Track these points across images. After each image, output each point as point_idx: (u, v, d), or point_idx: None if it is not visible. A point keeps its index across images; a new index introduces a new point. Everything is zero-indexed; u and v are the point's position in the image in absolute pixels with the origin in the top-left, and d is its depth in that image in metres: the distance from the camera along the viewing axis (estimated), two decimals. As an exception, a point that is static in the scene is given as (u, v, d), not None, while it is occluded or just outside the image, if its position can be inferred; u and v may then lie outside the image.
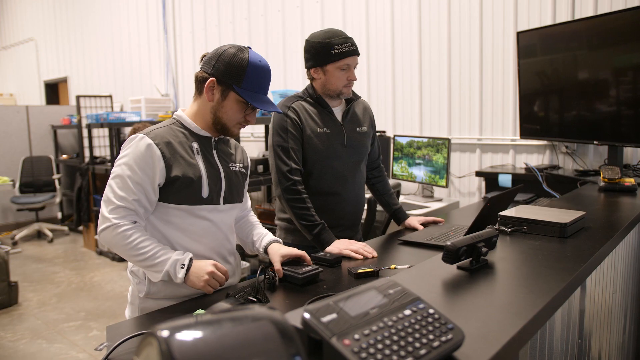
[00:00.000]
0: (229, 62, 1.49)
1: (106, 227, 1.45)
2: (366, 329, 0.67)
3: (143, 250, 1.43)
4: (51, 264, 5.38)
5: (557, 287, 1.03)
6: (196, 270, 1.43)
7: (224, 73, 1.50)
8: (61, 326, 3.70)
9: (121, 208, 1.45)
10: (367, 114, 2.26)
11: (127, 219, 1.45)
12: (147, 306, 1.54)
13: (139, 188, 1.46)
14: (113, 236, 1.45)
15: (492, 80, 3.47)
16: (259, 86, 1.54)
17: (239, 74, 1.49)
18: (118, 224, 1.44)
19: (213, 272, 1.43)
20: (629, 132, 2.61)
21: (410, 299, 0.78)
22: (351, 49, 1.99)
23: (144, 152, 1.46)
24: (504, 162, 3.48)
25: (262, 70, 1.53)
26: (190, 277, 1.42)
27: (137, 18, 6.75)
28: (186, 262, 1.43)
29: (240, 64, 1.49)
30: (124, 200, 1.45)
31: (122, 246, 1.44)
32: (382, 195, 2.36)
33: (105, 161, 5.99)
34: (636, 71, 2.54)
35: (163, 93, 6.26)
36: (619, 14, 2.58)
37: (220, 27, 5.51)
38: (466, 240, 1.15)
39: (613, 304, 2.00)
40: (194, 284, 1.42)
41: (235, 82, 1.49)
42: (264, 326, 0.54)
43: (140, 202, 1.47)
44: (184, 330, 0.51)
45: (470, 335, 0.78)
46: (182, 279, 1.41)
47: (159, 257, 1.43)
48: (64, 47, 8.47)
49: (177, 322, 0.53)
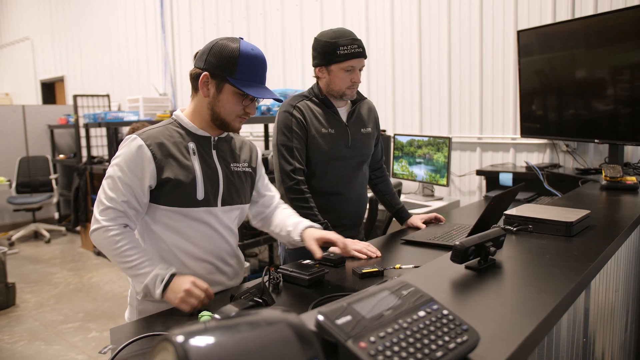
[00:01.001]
0: (220, 54, 1.46)
1: (96, 229, 1.45)
2: (381, 331, 0.66)
3: (128, 259, 1.41)
4: (49, 265, 5.35)
5: (567, 286, 1.02)
6: (174, 287, 1.37)
7: (216, 66, 1.46)
8: (60, 327, 3.68)
9: (110, 209, 1.44)
10: (372, 115, 2.25)
11: (118, 222, 1.44)
12: (145, 308, 1.52)
13: (128, 189, 1.44)
14: (102, 239, 1.44)
15: (492, 78, 3.47)
16: (254, 75, 1.49)
17: (232, 65, 1.45)
18: (108, 227, 1.42)
19: (189, 290, 1.35)
20: (630, 131, 2.61)
21: (424, 300, 0.76)
22: (357, 51, 1.97)
23: (134, 153, 1.45)
24: (505, 160, 3.47)
25: (255, 59, 1.49)
26: (167, 293, 1.37)
27: (134, 17, 6.71)
28: (166, 277, 1.39)
29: (231, 55, 1.45)
30: (113, 201, 1.44)
31: (109, 250, 1.44)
32: (385, 196, 2.35)
33: (103, 161, 5.96)
34: (636, 70, 2.54)
35: (161, 92, 6.24)
36: (619, 13, 2.58)
37: (218, 25, 5.49)
38: (474, 239, 1.14)
39: (615, 303, 2.00)
40: (170, 300, 1.37)
41: (229, 73, 1.46)
42: (280, 330, 0.53)
43: (130, 204, 1.45)
44: (200, 335, 0.50)
45: (484, 336, 0.77)
46: (159, 295, 1.37)
47: (142, 268, 1.40)
48: (60, 46, 8.43)
49: (193, 327, 0.51)
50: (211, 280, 1.56)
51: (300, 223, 1.68)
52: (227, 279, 1.65)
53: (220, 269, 1.62)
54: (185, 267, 1.54)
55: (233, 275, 1.68)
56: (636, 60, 2.52)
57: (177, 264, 1.53)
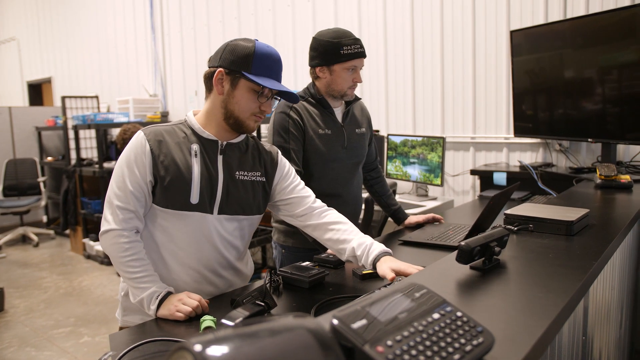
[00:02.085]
0: (235, 50, 1.45)
1: (107, 231, 1.43)
2: (397, 335, 0.65)
3: (132, 270, 1.40)
4: (38, 269, 5.27)
5: (573, 285, 1.02)
6: (167, 302, 1.36)
7: (232, 62, 1.44)
8: (50, 333, 3.62)
9: (121, 209, 1.42)
10: (365, 115, 2.25)
11: (130, 225, 1.43)
12: (128, 305, 1.51)
13: (135, 186, 1.43)
14: (112, 243, 1.42)
15: (485, 78, 3.48)
16: (269, 71, 1.46)
17: (247, 59, 1.43)
18: (120, 232, 1.41)
19: (182, 299, 1.34)
20: (622, 130, 2.63)
21: (437, 302, 0.75)
22: (359, 51, 1.98)
23: (137, 146, 1.44)
24: (498, 160, 3.48)
25: (271, 55, 1.47)
26: (161, 310, 1.35)
27: (123, 17, 6.65)
28: (162, 294, 1.37)
29: (247, 50, 1.43)
30: (123, 199, 1.43)
31: (115, 256, 1.43)
32: (381, 197, 2.35)
33: (93, 163, 5.89)
34: (623, 69, 2.57)
35: (151, 93, 6.18)
36: (614, 12, 2.60)
37: (209, 26, 5.45)
38: (479, 240, 1.13)
39: (611, 300, 2.01)
40: (164, 315, 1.34)
41: (244, 68, 1.43)
42: (300, 336, 0.51)
43: (140, 201, 1.44)
44: (219, 343, 0.48)
45: (496, 337, 0.76)
46: (154, 310, 1.36)
47: (143, 282, 1.39)
48: (47, 47, 8.32)
49: (211, 335, 0.50)
50: (197, 290, 1.51)
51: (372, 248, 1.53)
52: (217, 290, 1.58)
53: (208, 279, 1.54)
54: (170, 270, 1.50)
55: (225, 287, 1.60)
56: (623, 60, 2.56)
57: (162, 266, 1.49)
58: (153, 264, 1.47)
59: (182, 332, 1.25)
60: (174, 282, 1.49)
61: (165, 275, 1.49)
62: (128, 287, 1.46)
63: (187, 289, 1.48)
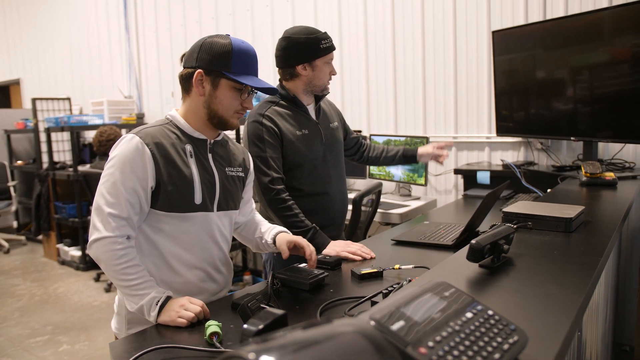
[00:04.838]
0: (212, 50, 1.43)
1: (97, 239, 1.36)
2: (437, 336, 0.64)
3: (128, 277, 1.34)
4: (10, 276, 5.09)
5: (585, 281, 1.03)
6: (168, 308, 1.32)
7: (210, 62, 1.43)
8: (27, 342, 3.49)
9: (113, 217, 1.35)
10: (333, 109, 2.31)
11: (122, 232, 1.36)
12: (134, 317, 1.44)
13: (130, 192, 1.37)
14: (104, 251, 1.35)
15: (467, 78, 3.51)
16: (249, 67, 1.48)
17: (226, 59, 1.42)
18: (112, 239, 1.35)
19: (184, 305, 1.30)
20: (604, 128, 2.69)
21: (467, 301, 0.74)
22: (332, 44, 2.06)
23: (133, 152, 1.38)
24: (480, 159, 3.52)
25: (248, 51, 1.49)
26: (162, 316, 1.31)
27: (96, 17, 6.48)
28: (162, 299, 1.33)
29: (224, 49, 1.43)
30: (116, 207, 1.36)
31: (109, 265, 1.36)
32: (382, 156, 2.47)
33: (66, 166, 5.71)
34: (594, 70, 2.67)
35: (126, 95, 6.04)
36: (595, 13, 2.66)
37: (186, 26, 5.36)
38: (489, 237, 1.13)
39: (599, 296, 2.05)
40: (165, 321, 1.30)
41: (224, 67, 1.43)
42: (354, 340, 0.49)
43: (134, 208, 1.38)
44: (273, 352, 0.46)
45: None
46: (154, 317, 1.31)
47: (141, 289, 1.34)
48: (15, 47, 8.05)
49: (264, 344, 0.47)
50: (202, 288, 1.52)
51: (272, 229, 1.70)
52: (218, 287, 1.59)
53: (212, 276, 1.56)
54: (177, 274, 1.47)
55: (224, 284, 1.63)
56: (594, 61, 2.66)
57: (168, 271, 1.46)
58: (158, 271, 1.44)
59: (185, 339, 1.21)
60: (181, 285, 1.47)
61: (172, 279, 1.46)
62: (124, 296, 1.40)
63: (192, 289, 1.47)
